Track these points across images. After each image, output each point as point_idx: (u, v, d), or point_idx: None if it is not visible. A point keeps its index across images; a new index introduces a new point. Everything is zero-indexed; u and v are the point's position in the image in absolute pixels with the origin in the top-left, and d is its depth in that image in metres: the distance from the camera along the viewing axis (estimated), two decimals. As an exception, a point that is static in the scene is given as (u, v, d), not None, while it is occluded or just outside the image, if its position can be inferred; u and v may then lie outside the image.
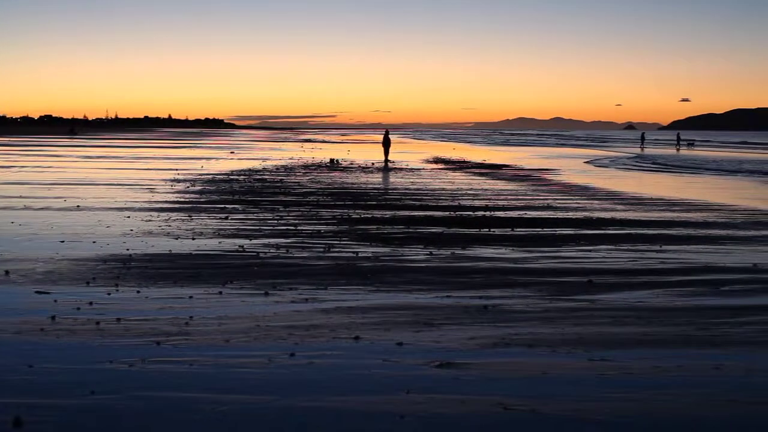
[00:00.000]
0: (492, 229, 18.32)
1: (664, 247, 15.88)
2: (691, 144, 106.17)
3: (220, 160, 53.86)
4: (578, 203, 25.11)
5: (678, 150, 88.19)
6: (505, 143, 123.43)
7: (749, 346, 8.92)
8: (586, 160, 59.75)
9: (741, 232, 18.38)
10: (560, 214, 21.68)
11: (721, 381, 7.71)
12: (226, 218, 19.77)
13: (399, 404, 6.93)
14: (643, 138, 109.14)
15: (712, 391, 7.41)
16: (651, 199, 26.97)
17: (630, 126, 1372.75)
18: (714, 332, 9.47)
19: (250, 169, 41.83)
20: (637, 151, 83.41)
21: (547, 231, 18.22)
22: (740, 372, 8.00)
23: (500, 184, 33.36)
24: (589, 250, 15.47)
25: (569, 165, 51.97)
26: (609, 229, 18.59)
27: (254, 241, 16.01)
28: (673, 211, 23.01)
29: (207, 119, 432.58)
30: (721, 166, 52.20)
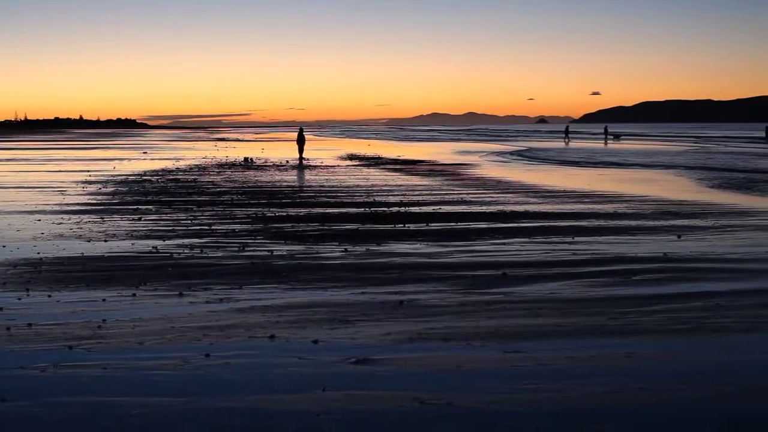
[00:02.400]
0: (407, 225, 18.39)
1: (576, 239, 16.11)
2: (617, 137, 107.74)
3: (132, 160, 53.26)
4: (492, 197, 25.34)
5: (606, 143, 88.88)
6: (419, 139, 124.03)
7: (660, 335, 9.09)
8: (496, 154, 60.23)
9: (650, 223, 18.71)
10: (474, 208, 21.86)
11: (633, 369, 7.84)
12: (139, 219, 19.54)
13: (315, 402, 6.93)
14: (567, 131, 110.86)
15: (624, 379, 7.53)
16: (564, 191, 27.31)
17: (542, 120, 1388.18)
18: (625, 321, 9.64)
19: (163, 169, 41.42)
20: (560, 145, 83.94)
21: (462, 225, 18.34)
22: (651, 360, 8.15)
23: (414, 180, 33.54)
24: (503, 243, 15.62)
25: (482, 159, 52.41)
26: (522, 222, 18.78)
27: (168, 242, 15.85)
28: (584, 203, 23.33)
29: (119, 119, 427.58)
30: (647, 160, 52.92)
